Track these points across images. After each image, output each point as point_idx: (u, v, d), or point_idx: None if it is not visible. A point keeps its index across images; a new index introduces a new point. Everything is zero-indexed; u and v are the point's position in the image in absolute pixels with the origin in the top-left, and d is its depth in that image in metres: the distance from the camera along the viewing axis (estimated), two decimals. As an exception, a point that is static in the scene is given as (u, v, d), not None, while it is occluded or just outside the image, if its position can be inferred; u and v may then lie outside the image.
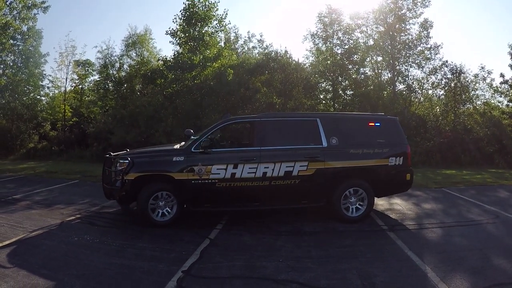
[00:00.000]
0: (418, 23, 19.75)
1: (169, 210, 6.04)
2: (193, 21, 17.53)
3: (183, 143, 6.63)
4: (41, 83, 23.49)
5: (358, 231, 5.97)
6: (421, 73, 20.25)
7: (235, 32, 25.49)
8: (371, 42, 21.00)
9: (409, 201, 8.35)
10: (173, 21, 17.94)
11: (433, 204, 8.11)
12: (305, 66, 21.25)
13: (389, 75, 20.89)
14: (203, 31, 17.74)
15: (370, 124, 6.58)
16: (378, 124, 6.66)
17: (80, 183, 10.98)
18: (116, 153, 6.56)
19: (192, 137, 6.36)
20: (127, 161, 5.87)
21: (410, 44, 19.81)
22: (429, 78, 20.08)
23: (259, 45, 25.20)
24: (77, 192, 9.45)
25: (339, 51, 20.41)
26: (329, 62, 20.28)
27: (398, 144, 6.71)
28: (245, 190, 5.99)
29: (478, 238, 5.63)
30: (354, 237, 5.67)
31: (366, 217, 6.53)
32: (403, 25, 19.84)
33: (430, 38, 19.65)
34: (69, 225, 6.27)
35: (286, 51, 20.70)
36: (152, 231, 5.80)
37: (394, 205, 7.90)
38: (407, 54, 20.04)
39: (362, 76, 20.79)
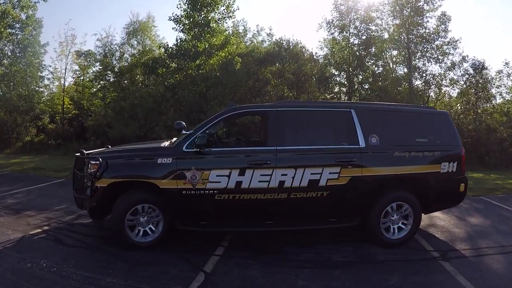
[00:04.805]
0: (435, 16, 18.58)
1: (153, 228, 4.59)
2: (199, 6, 16.13)
3: (175, 139, 5.18)
4: (40, 74, 22.73)
5: (404, 261, 4.51)
6: (439, 68, 19.03)
7: (243, 25, 24.41)
8: (386, 35, 19.76)
9: (450, 214, 6.90)
10: (177, 7, 16.66)
11: (479, 218, 6.78)
12: (319, 57, 19.90)
13: (405, 70, 19.67)
14: (209, 17, 16.34)
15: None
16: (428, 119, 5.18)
17: (65, 183, 9.64)
18: (89, 151, 5.14)
19: (184, 132, 4.80)
20: (98, 162, 4.45)
21: (427, 37, 18.62)
22: (447, 74, 18.88)
23: (268, 39, 24.02)
24: (57, 194, 8.12)
25: (356, 42, 19.05)
26: (345, 52, 18.88)
27: (451, 145, 5.23)
28: (254, 205, 4.54)
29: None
30: (400, 270, 4.21)
31: (409, 240, 5.06)
32: (420, 19, 18.63)
33: (449, 31, 18.46)
34: (30, 242, 4.93)
35: (297, 42, 19.24)
36: (129, 256, 4.38)
37: (435, 220, 6.45)
38: (425, 49, 18.85)
39: (381, 68, 19.37)
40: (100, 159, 4.43)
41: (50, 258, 4.35)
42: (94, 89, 22.39)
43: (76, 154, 5.16)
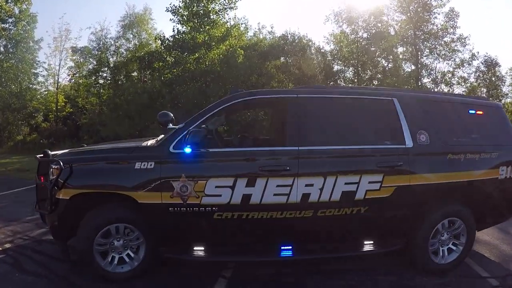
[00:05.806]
0: (443, 12, 18.37)
1: (132, 255, 3.47)
2: (198, -4, 15.14)
3: (161, 136, 4.06)
4: (34, 71, 22.09)
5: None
6: (448, 66, 18.88)
7: (244, 23, 23.26)
8: (392, 32, 19.20)
9: (490, 224, 5.84)
10: (175, -3, 15.66)
11: (520, 229, 5.77)
12: (326, 53, 19.01)
13: (412, 67, 19.34)
14: (209, 8, 15.32)
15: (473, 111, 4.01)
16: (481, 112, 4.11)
17: (47, 187, 8.72)
18: (55, 152, 4.06)
19: (172, 126, 3.64)
20: (59, 166, 3.38)
21: (435, 34, 18.39)
22: (456, 72, 18.79)
23: (269, 37, 22.91)
24: (33, 200, 7.10)
25: (364, 35, 18.43)
26: (353, 47, 18.01)
27: (508, 145, 4.16)
28: (268, 227, 3.43)
29: None
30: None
31: (459, 264, 4.00)
32: (428, 15, 18.34)
33: (457, 28, 18.30)
34: (-17, 266, 3.93)
35: (303, 36, 18.25)
36: (100, 293, 3.33)
37: (477, 233, 5.39)
38: (433, 46, 18.62)
39: (391, 64, 18.56)
40: (61, 163, 3.35)
41: (0, 292, 3.36)
42: (90, 87, 21.57)
43: (38, 156, 4.06)
